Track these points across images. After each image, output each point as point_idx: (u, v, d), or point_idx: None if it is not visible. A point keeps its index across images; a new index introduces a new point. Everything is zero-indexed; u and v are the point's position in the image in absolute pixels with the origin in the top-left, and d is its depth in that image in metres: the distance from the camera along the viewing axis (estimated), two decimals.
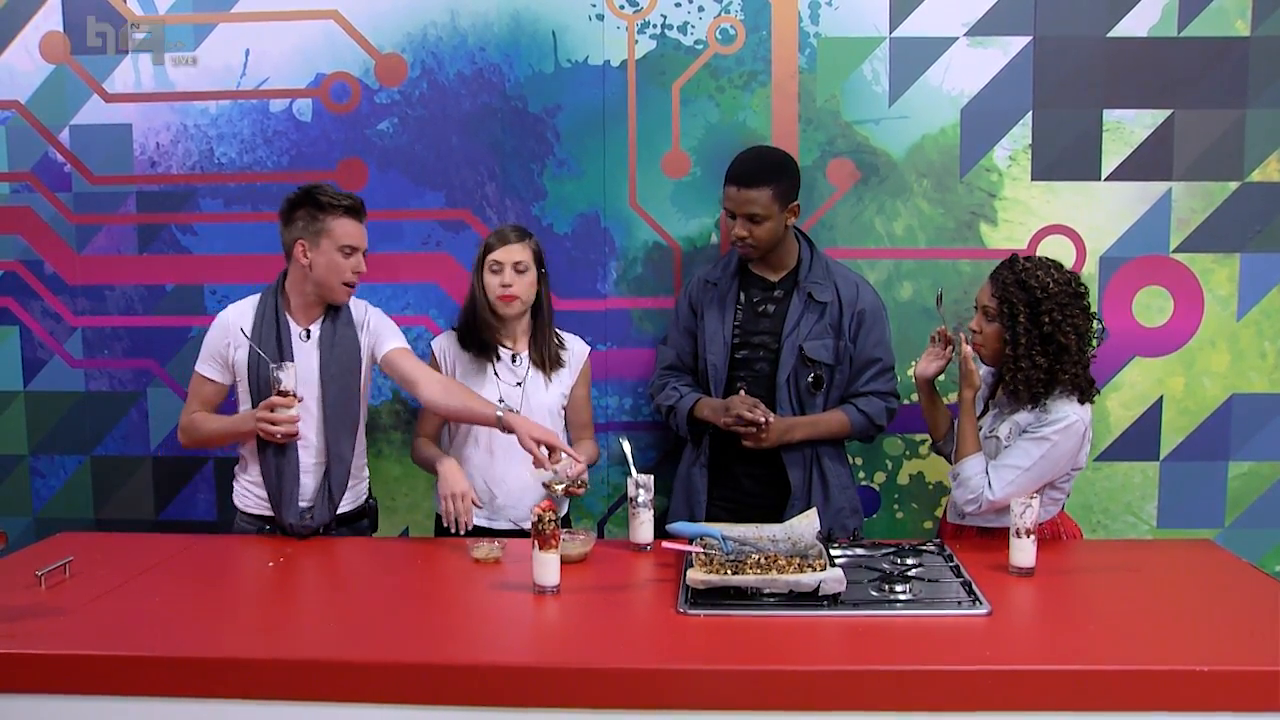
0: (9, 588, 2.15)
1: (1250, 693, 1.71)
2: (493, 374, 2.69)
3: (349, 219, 2.51)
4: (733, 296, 2.71)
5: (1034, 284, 2.33)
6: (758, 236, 2.59)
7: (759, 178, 2.56)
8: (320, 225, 2.49)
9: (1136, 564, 2.31)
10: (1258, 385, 2.97)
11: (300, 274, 2.53)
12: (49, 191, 3.11)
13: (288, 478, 2.51)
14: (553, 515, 2.05)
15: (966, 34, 2.90)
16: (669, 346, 2.83)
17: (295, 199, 2.53)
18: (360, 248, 2.53)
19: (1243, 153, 2.90)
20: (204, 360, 2.59)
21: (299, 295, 2.56)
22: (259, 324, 2.54)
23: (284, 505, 2.51)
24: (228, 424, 2.56)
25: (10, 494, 3.22)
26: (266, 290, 2.60)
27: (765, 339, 2.68)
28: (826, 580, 1.99)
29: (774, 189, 2.56)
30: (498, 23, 2.97)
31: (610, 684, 1.76)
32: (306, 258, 2.50)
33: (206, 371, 2.58)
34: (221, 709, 1.81)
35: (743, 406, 2.54)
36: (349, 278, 2.52)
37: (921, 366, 2.56)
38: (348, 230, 2.50)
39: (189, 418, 2.60)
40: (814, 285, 2.65)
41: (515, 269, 2.63)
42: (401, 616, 2.03)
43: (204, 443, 2.64)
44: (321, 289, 2.53)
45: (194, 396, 2.61)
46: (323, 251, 2.49)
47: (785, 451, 2.63)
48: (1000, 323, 2.37)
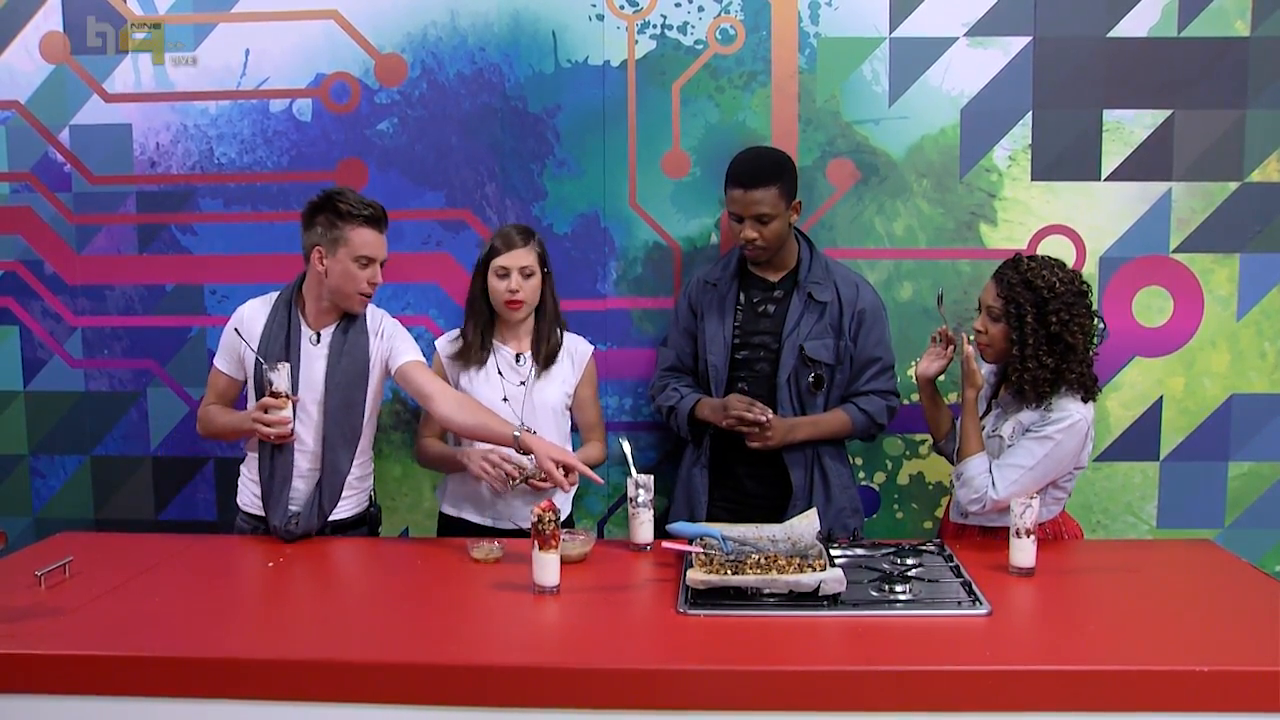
0: (9, 588, 2.15)
1: (1250, 693, 1.71)
2: (496, 374, 2.69)
3: (368, 229, 2.47)
4: (733, 297, 2.71)
5: (1040, 284, 2.33)
6: (767, 237, 2.59)
7: (764, 177, 2.56)
8: (338, 233, 2.46)
9: (1136, 564, 2.31)
10: (1258, 385, 2.97)
11: (316, 279, 2.51)
12: (49, 191, 3.11)
13: (278, 480, 2.51)
14: (553, 515, 2.06)
15: (966, 34, 2.90)
16: (669, 348, 2.83)
17: (317, 203, 2.49)
18: (378, 259, 2.50)
19: (1243, 153, 2.90)
20: (220, 354, 2.62)
21: (314, 300, 2.55)
22: (270, 323, 2.54)
23: (272, 507, 2.51)
24: (234, 420, 2.57)
25: (10, 494, 3.22)
26: (284, 288, 2.60)
27: (765, 339, 2.68)
28: (826, 580, 1.99)
29: (779, 187, 2.57)
30: (498, 23, 2.97)
31: (610, 684, 1.76)
32: (322, 264, 2.47)
33: (221, 365, 2.61)
34: (221, 709, 1.82)
35: (741, 406, 2.54)
36: (364, 288, 2.49)
37: (923, 366, 2.56)
38: (366, 240, 2.47)
39: (204, 409, 2.64)
40: (814, 285, 2.65)
41: (522, 274, 2.62)
42: (401, 616, 2.03)
43: (215, 435, 2.68)
44: (336, 297, 2.51)
45: (210, 388, 2.64)
46: (339, 260, 2.46)
47: (787, 452, 2.63)
48: (1006, 322, 2.37)
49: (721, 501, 2.71)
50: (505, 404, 2.66)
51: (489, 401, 2.63)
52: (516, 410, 2.66)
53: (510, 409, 2.65)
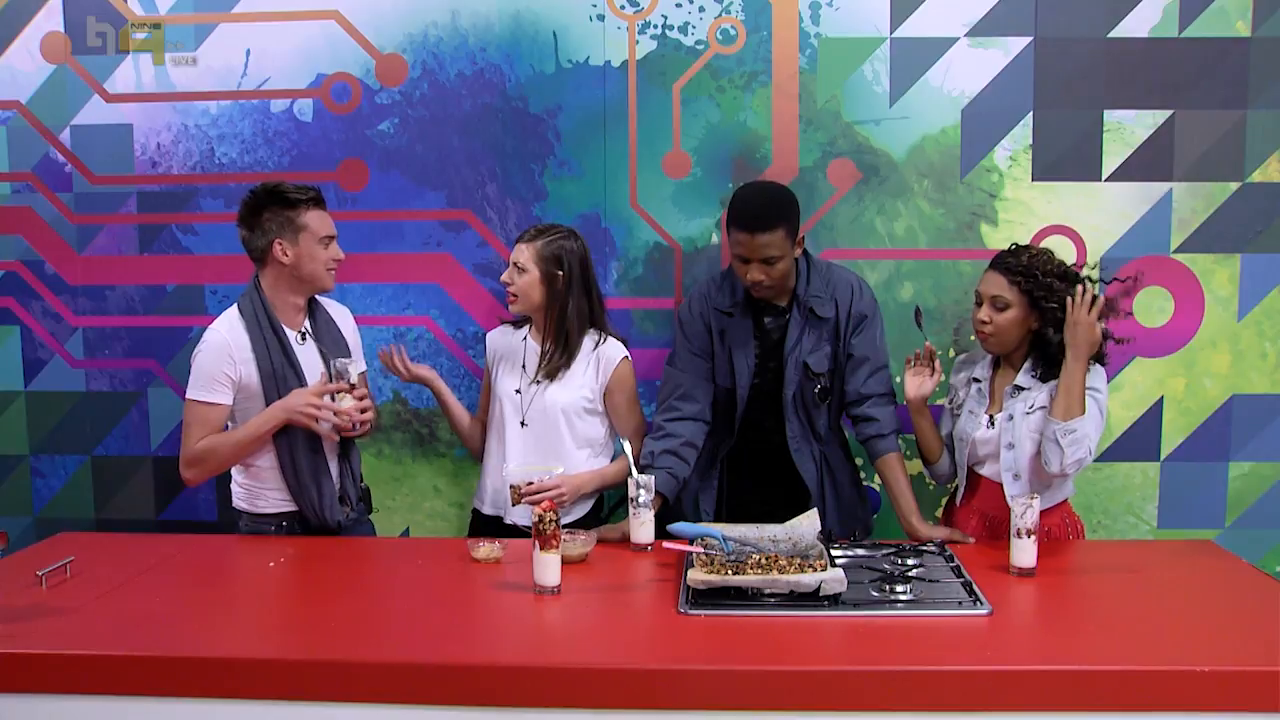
0: (9, 588, 2.15)
1: (1250, 693, 1.71)
2: (521, 366, 2.71)
3: (319, 210, 2.55)
4: (749, 327, 2.64)
5: (1050, 266, 2.42)
6: (774, 277, 2.50)
7: (770, 220, 2.45)
8: (296, 222, 2.50)
9: (1136, 564, 2.31)
10: (1258, 386, 2.97)
11: (279, 274, 2.53)
12: (50, 192, 3.11)
13: (325, 479, 2.55)
14: (554, 516, 2.06)
15: (967, 34, 2.90)
16: (680, 371, 2.67)
17: (255, 202, 2.51)
18: (334, 235, 2.57)
19: (1243, 153, 2.90)
20: (203, 387, 2.47)
21: (282, 298, 2.55)
22: (258, 338, 2.50)
23: (325, 508, 2.54)
24: (250, 429, 2.47)
25: (11, 494, 3.22)
26: (243, 302, 2.54)
27: (771, 361, 2.66)
28: (827, 580, 1.99)
29: (785, 227, 2.47)
30: (498, 23, 2.97)
31: (610, 684, 1.76)
32: (288, 256, 2.50)
33: (210, 397, 2.47)
34: (221, 709, 1.82)
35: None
36: (332, 264, 2.56)
37: (913, 389, 2.53)
38: (322, 221, 2.54)
39: (196, 448, 2.47)
40: (814, 300, 2.59)
41: (516, 268, 2.65)
42: (401, 616, 2.03)
43: (222, 465, 2.52)
44: (311, 281, 2.55)
45: (197, 426, 2.47)
46: (304, 247, 2.51)
47: (797, 455, 2.64)
48: (1022, 307, 2.41)
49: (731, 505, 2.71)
50: (517, 395, 2.68)
51: (506, 391, 2.70)
52: (520, 409, 2.67)
53: (519, 402, 2.68)
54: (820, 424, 2.66)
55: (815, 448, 2.67)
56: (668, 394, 2.67)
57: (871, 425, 2.60)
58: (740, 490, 2.73)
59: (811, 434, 2.67)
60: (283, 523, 2.58)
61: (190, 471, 2.51)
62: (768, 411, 2.65)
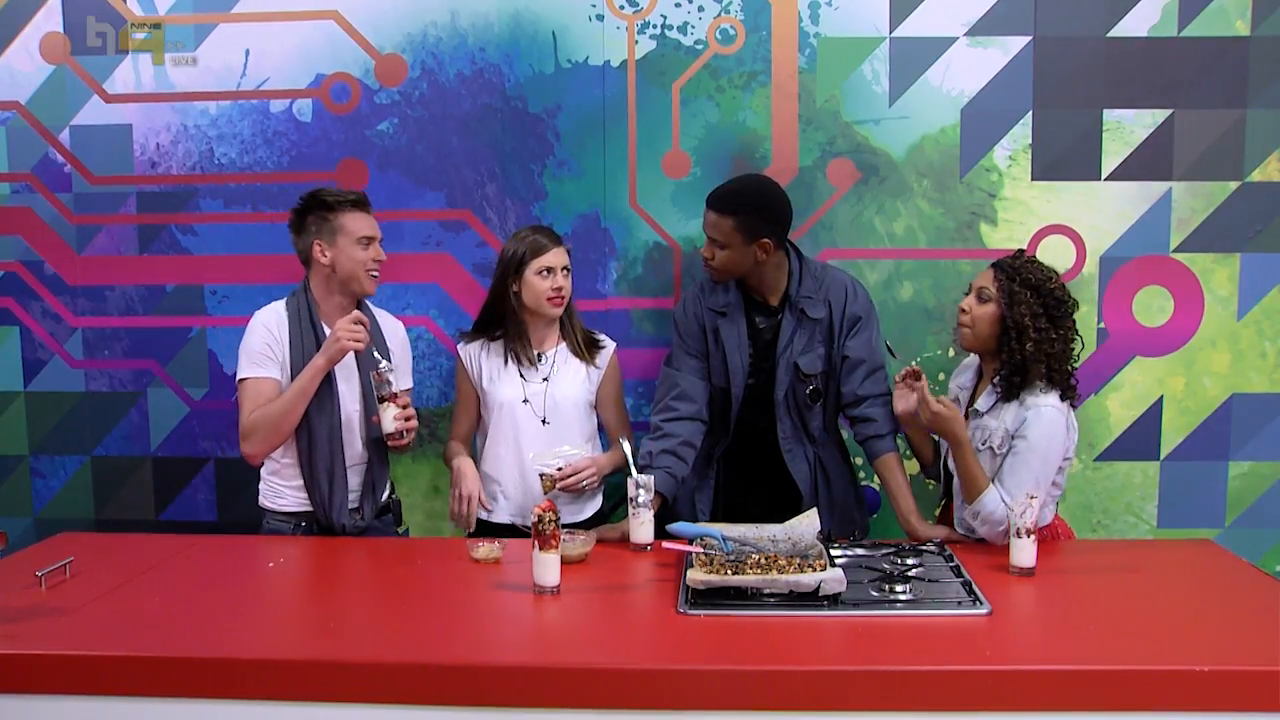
0: (9, 588, 2.15)
1: (1250, 693, 1.71)
2: (518, 376, 2.70)
3: (358, 211, 2.58)
4: (743, 325, 2.65)
5: (1040, 276, 2.39)
6: (717, 260, 2.55)
7: (726, 205, 2.52)
8: (333, 223, 2.55)
9: (1136, 564, 2.31)
10: (1258, 385, 2.97)
11: (324, 276, 2.59)
12: (49, 192, 3.11)
13: (338, 479, 2.56)
14: (553, 515, 2.06)
15: (966, 34, 2.90)
16: (677, 371, 2.68)
17: (302, 207, 2.59)
18: (376, 237, 2.60)
19: (1243, 152, 2.90)
20: (251, 364, 2.54)
21: (326, 300, 2.61)
22: (296, 331, 2.57)
23: (334, 508, 2.56)
24: (294, 385, 2.49)
25: (10, 494, 3.22)
26: (291, 298, 2.62)
27: (763, 361, 2.67)
28: (827, 580, 1.99)
29: (736, 220, 2.50)
30: (498, 23, 2.97)
31: (610, 684, 1.76)
32: (326, 256, 2.55)
33: (262, 372, 2.53)
34: (221, 709, 1.82)
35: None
36: (372, 266, 2.59)
37: (902, 408, 2.52)
38: (360, 222, 2.57)
39: (253, 416, 2.50)
40: (805, 301, 2.60)
41: (564, 272, 2.67)
42: (401, 616, 2.03)
43: (274, 430, 2.50)
44: (350, 282, 2.58)
45: (249, 401, 2.52)
46: (341, 248, 2.55)
47: (789, 457, 2.64)
48: (998, 305, 2.38)
49: (726, 507, 2.71)
50: (526, 405, 2.68)
51: (510, 403, 2.67)
52: (539, 409, 2.67)
53: (531, 409, 2.68)
54: (814, 425, 2.66)
55: (809, 448, 2.67)
56: (665, 394, 2.68)
57: (869, 426, 2.61)
58: (736, 490, 2.74)
59: (805, 435, 2.67)
60: (301, 522, 2.61)
61: (247, 444, 2.54)
62: (762, 412, 2.65)
